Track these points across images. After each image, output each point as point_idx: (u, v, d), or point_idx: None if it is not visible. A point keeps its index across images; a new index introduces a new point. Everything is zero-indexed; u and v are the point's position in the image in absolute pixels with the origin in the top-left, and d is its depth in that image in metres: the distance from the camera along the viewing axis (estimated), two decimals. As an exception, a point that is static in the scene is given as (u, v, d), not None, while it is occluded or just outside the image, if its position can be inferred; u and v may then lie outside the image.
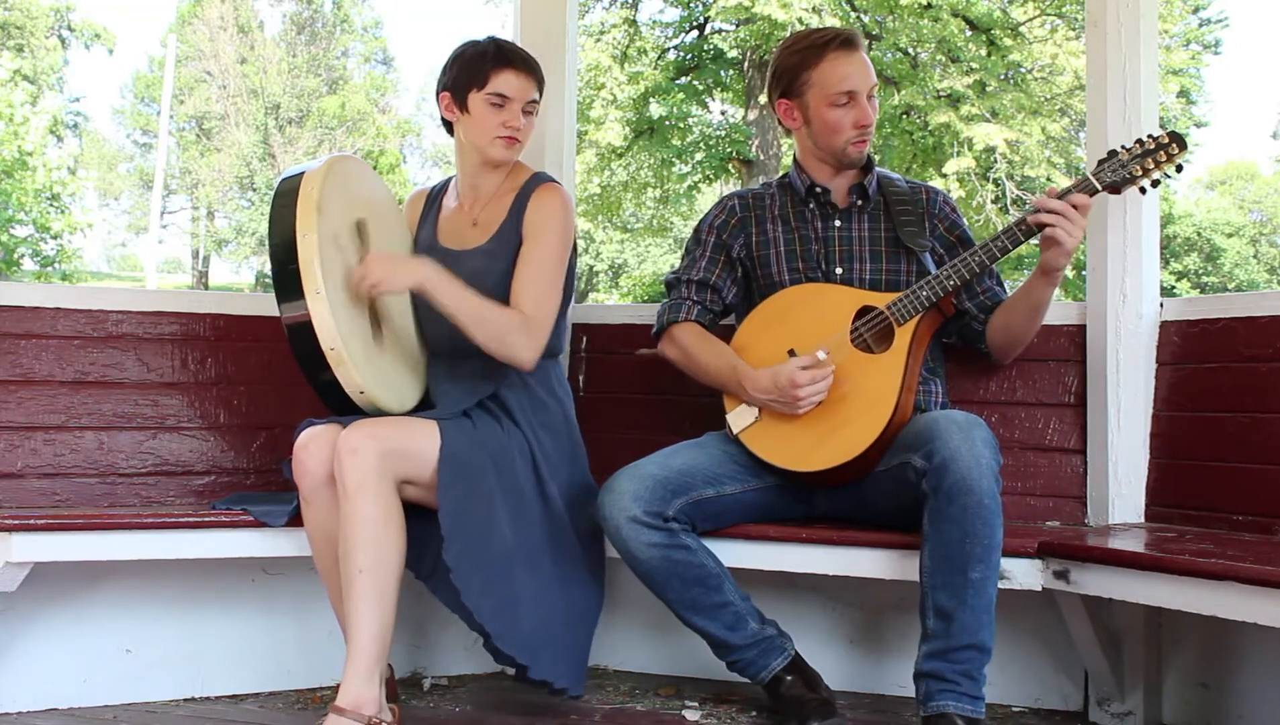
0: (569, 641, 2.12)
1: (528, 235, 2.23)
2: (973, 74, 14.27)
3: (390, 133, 28.72)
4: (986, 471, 1.86)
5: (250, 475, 2.51)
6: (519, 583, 2.06)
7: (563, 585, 2.13)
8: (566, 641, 2.11)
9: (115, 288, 3.19)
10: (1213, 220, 28.25)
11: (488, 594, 2.01)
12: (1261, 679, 2.09)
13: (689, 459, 2.11)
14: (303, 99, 27.78)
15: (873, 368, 2.09)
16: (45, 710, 2.24)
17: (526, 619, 2.04)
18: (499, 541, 2.06)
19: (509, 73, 2.22)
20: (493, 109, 2.22)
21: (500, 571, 2.04)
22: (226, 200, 28.60)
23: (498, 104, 2.22)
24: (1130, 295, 2.34)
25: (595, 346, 2.68)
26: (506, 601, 2.03)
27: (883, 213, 2.28)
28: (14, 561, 2.03)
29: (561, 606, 2.11)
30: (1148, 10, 2.37)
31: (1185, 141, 2.03)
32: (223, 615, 2.40)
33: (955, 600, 1.88)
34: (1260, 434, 2.14)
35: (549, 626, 2.07)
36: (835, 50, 2.21)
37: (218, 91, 27.45)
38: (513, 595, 2.04)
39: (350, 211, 2.14)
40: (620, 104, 15.15)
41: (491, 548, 2.04)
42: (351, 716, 1.89)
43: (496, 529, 2.06)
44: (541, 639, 2.05)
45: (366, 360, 2.09)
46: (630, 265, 29.53)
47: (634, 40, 15.60)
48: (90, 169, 23.05)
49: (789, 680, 2.10)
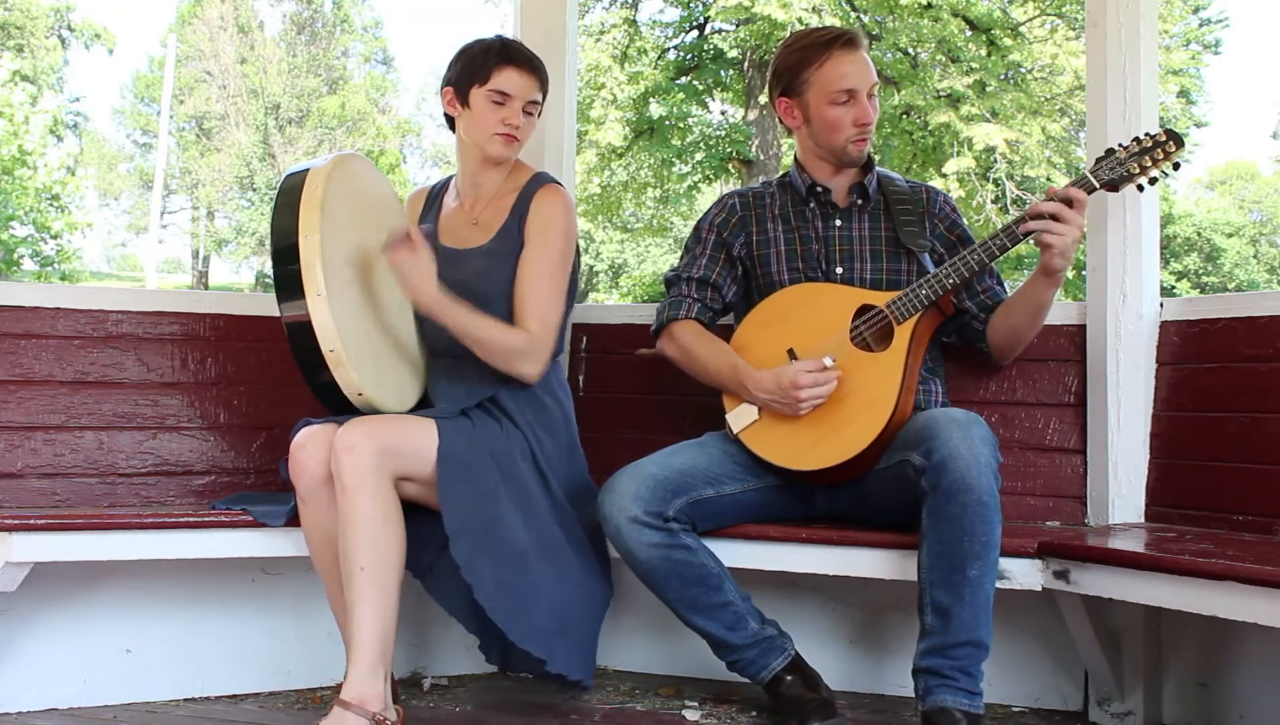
0: (585, 632, 2.11)
1: (530, 240, 2.24)
2: (973, 74, 14.28)
3: (390, 133, 28.72)
4: (985, 469, 1.86)
5: (250, 475, 2.51)
6: (536, 576, 2.05)
7: (581, 576, 2.13)
8: (582, 633, 2.11)
9: (115, 288, 3.19)
10: (1213, 220, 28.25)
11: (501, 590, 2.00)
12: (1261, 679, 2.09)
13: (689, 459, 2.11)
14: (303, 99, 27.78)
15: (872, 366, 2.09)
16: (45, 710, 2.24)
17: (542, 613, 2.03)
18: (508, 537, 2.05)
19: (511, 70, 2.22)
20: (493, 106, 2.23)
21: (513, 567, 2.03)
22: (226, 200, 28.60)
23: (499, 101, 2.22)
24: (1130, 295, 2.34)
25: (595, 346, 2.68)
26: (521, 597, 2.02)
27: (883, 212, 2.28)
28: (14, 561, 2.03)
29: (578, 598, 2.10)
30: (1148, 10, 2.37)
31: (1182, 140, 2.04)
32: (223, 615, 2.40)
33: (953, 597, 1.88)
34: (1260, 434, 2.14)
35: (565, 619, 2.07)
36: (836, 49, 2.21)
37: (218, 91, 27.45)
38: (528, 590, 2.03)
39: (346, 219, 2.14)
40: (620, 104, 15.15)
41: (501, 543, 2.04)
42: (356, 711, 1.89)
43: (504, 524, 2.06)
44: (557, 632, 2.05)
45: (366, 362, 2.09)
46: (630, 265, 29.54)
47: (634, 40, 15.60)
48: (90, 169, 23.03)
49: (789, 680, 2.10)
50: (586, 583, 2.14)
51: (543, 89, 2.27)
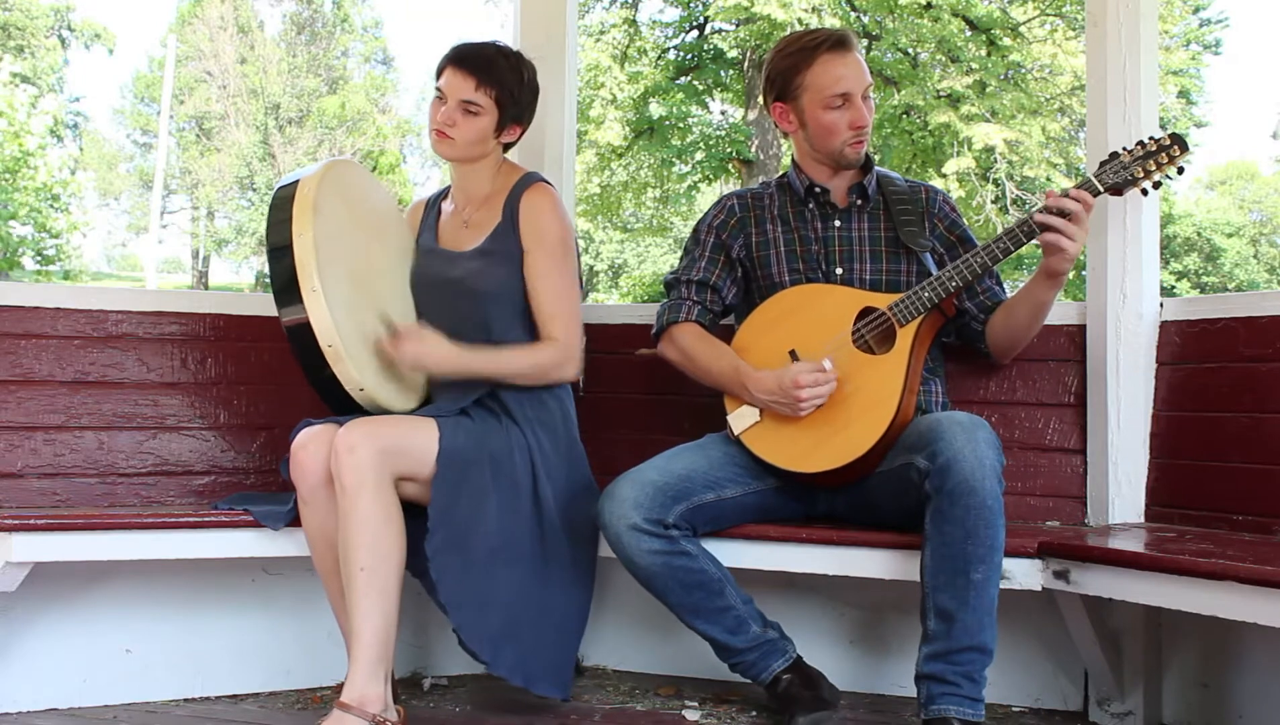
0: (536, 642, 2.12)
1: (529, 247, 2.25)
2: (973, 74, 14.28)
3: (390, 133, 28.69)
4: (990, 473, 1.86)
5: (250, 475, 2.51)
6: (498, 580, 2.08)
7: (542, 587, 2.14)
8: (533, 642, 2.11)
9: (115, 288, 3.19)
10: (1213, 220, 28.25)
11: (462, 588, 2.04)
12: (1261, 679, 2.09)
13: (689, 463, 2.11)
14: (303, 99, 27.76)
15: (874, 369, 2.09)
16: (45, 710, 2.24)
17: (494, 615, 2.06)
18: (482, 538, 2.08)
19: (449, 69, 2.26)
20: (436, 104, 2.27)
21: (479, 567, 2.06)
22: (226, 200, 28.58)
23: (439, 99, 2.27)
24: (1130, 295, 2.34)
25: (595, 346, 2.68)
26: (478, 597, 2.05)
27: (882, 212, 2.28)
28: (14, 561, 2.03)
29: (535, 608, 2.12)
30: (1148, 10, 2.37)
31: (1187, 143, 2.03)
32: (223, 615, 2.40)
33: (957, 601, 1.87)
34: (1260, 434, 2.14)
35: (515, 626, 2.09)
36: (828, 52, 2.20)
37: (218, 91, 27.43)
38: (487, 592, 2.06)
39: (341, 221, 2.15)
40: (620, 104, 15.16)
41: (474, 543, 2.07)
42: (356, 713, 1.90)
43: (482, 526, 2.08)
44: (504, 637, 2.07)
45: (366, 358, 2.09)
46: (630, 265, 29.55)
47: (634, 40, 15.61)
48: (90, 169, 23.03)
49: (788, 680, 2.10)
50: (548, 594, 2.15)
51: (486, 89, 2.23)
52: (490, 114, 2.25)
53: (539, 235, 2.25)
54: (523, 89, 2.29)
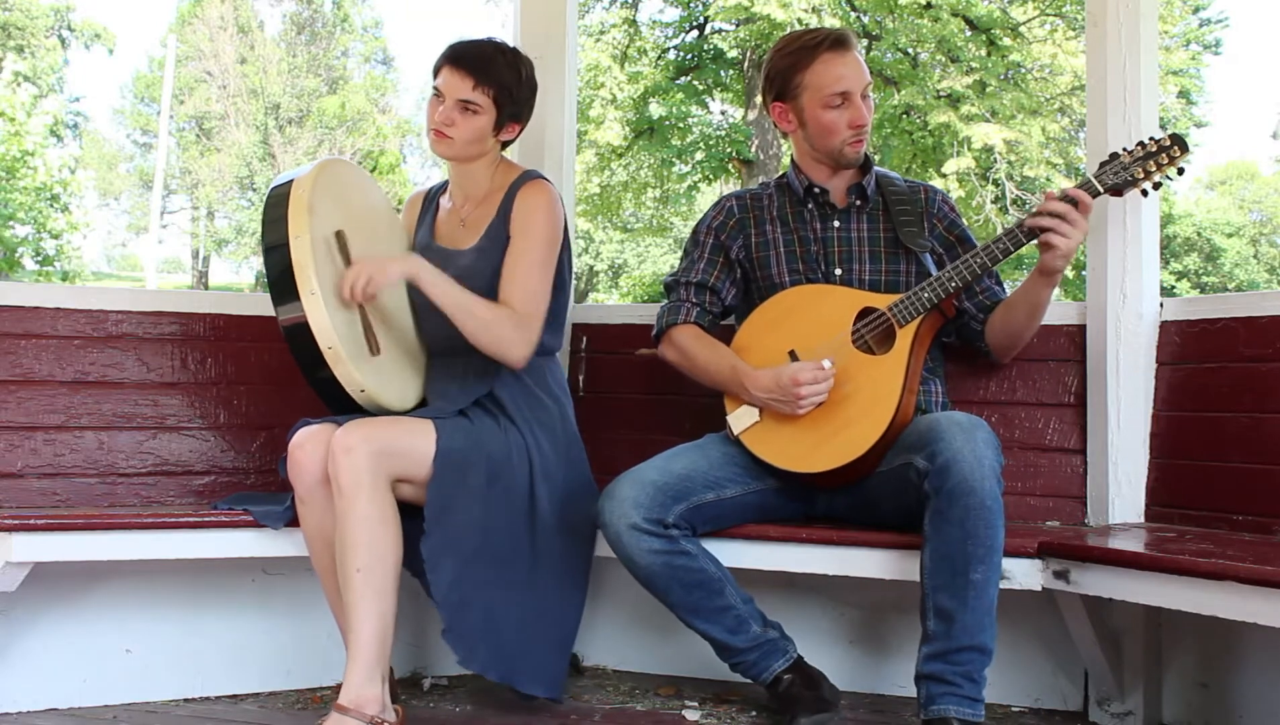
0: (521, 640, 2.12)
1: (514, 233, 2.24)
2: (973, 74, 14.27)
3: (390, 133, 28.69)
4: (989, 473, 1.86)
5: (250, 475, 2.51)
6: (485, 579, 2.08)
7: (529, 589, 2.14)
8: (518, 640, 2.12)
9: (115, 288, 3.20)
10: (1213, 220, 28.25)
11: (454, 588, 2.04)
12: (1261, 679, 2.09)
13: (689, 463, 2.11)
14: (303, 99, 27.76)
15: (874, 369, 2.09)
16: (45, 710, 2.24)
17: (475, 614, 2.06)
18: (474, 539, 2.08)
19: (446, 68, 2.25)
20: (434, 103, 2.26)
21: (470, 567, 2.06)
22: (226, 200, 28.59)
23: (437, 98, 2.26)
24: (1130, 295, 2.34)
25: (595, 346, 2.68)
26: (465, 597, 2.05)
27: (882, 213, 2.28)
28: (14, 561, 2.03)
29: (521, 607, 2.12)
30: (1148, 10, 2.37)
31: (1187, 144, 2.03)
32: (222, 615, 2.40)
33: (956, 601, 1.87)
34: (1260, 434, 2.14)
35: (496, 624, 2.09)
36: (826, 51, 2.20)
37: (218, 91, 27.43)
38: (469, 590, 2.06)
39: (334, 219, 2.14)
40: (620, 104, 15.15)
41: (466, 544, 2.07)
42: (354, 715, 1.90)
43: (476, 527, 2.09)
44: (483, 634, 2.07)
45: (365, 358, 2.09)
46: (630, 265, 29.54)
47: (634, 40, 15.61)
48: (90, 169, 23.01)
49: (789, 680, 2.10)
50: (535, 596, 2.15)
51: (483, 88, 2.22)
52: (488, 113, 2.25)
53: (524, 227, 2.23)
54: (521, 86, 2.28)
